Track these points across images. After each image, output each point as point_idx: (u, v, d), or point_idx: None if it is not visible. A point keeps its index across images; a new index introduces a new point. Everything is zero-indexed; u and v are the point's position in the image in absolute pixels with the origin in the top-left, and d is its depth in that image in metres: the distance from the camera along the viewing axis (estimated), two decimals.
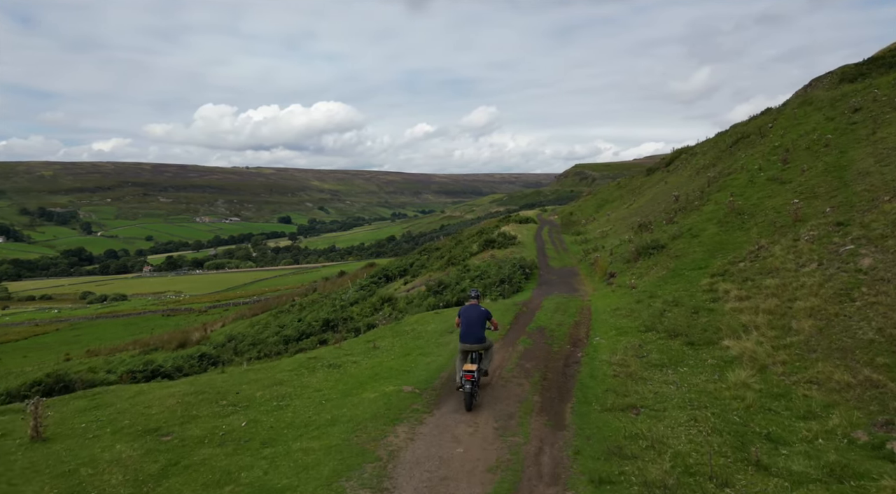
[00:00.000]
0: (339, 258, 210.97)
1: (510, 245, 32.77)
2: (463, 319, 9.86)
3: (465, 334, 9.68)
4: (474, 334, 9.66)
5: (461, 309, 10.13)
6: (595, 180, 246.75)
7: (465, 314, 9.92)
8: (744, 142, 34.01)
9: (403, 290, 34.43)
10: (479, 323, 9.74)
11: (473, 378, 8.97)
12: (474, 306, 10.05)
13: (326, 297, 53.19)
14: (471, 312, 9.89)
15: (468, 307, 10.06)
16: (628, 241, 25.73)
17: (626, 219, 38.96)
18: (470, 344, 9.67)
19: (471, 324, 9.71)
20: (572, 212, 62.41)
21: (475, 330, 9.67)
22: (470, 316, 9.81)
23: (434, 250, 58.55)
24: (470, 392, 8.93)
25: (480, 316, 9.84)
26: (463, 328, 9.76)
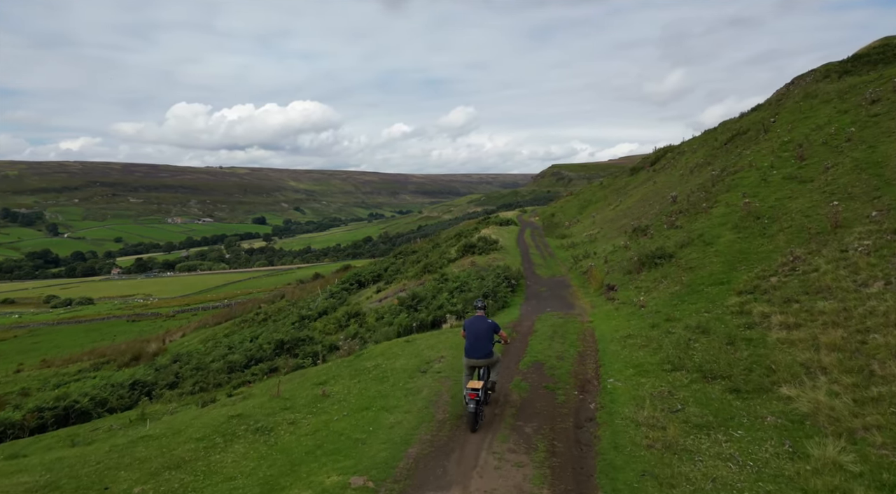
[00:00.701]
0: (315, 259, 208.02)
1: (492, 250, 29.91)
2: (469, 332, 9.22)
3: (472, 348, 9.07)
4: (481, 349, 9.04)
5: (466, 322, 9.44)
6: (571, 180, 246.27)
7: (470, 326, 9.26)
8: (741, 138, 31.66)
9: (375, 300, 31.39)
10: (486, 337, 9.13)
11: (478, 397, 8.38)
12: (481, 318, 9.36)
13: (294, 305, 49.80)
14: (477, 325, 9.23)
15: (474, 319, 9.37)
16: (624, 247, 23.05)
17: (615, 221, 36.42)
18: (476, 360, 9.06)
19: (478, 338, 9.09)
20: (554, 213, 59.88)
21: (482, 344, 9.06)
22: (477, 330, 9.16)
23: (410, 253, 55.59)
24: (474, 411, 8.36)
25: (488, 330, 9.22)
26: (469, 342, 9.14)
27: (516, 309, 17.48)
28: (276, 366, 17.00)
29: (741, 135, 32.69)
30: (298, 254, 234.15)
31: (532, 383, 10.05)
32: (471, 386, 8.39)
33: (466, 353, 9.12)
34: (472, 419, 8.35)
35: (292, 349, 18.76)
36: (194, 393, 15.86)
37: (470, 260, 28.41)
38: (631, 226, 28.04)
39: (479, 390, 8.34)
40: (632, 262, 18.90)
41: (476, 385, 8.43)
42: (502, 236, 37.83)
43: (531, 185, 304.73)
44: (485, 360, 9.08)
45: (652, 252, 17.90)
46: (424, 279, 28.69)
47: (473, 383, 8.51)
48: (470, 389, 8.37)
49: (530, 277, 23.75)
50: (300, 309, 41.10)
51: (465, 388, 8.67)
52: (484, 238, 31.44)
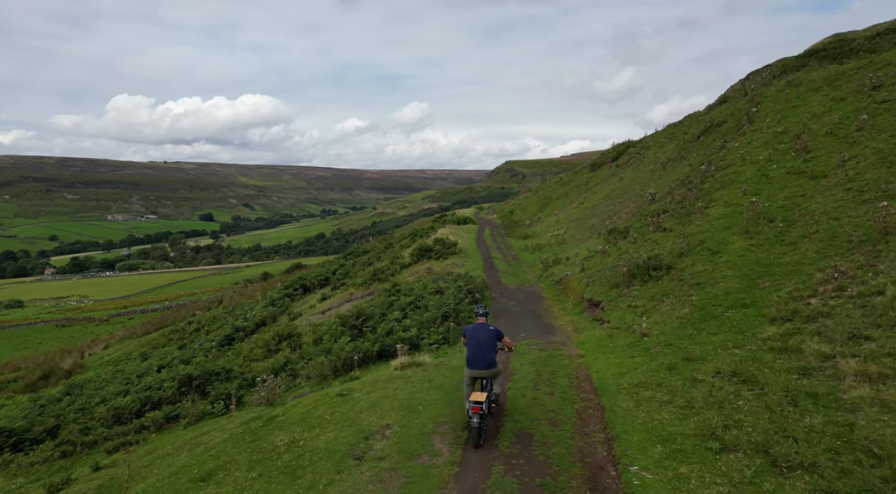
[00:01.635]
0: (265, 257, 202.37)
1: (450, 254, 26.55)
2: (470, 341, 8.51)
3: (474, 359, 8.38)
4: (484, 358, 8.35)
5: (467, 329, 8.68)
6: (525, 177, 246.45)
7: (472, 334, 8.54)
8: (717, 131, 29.28)
9: (318, 311, 27.63)
10: (489, 346, 8.44)
11: (482, 410, 7.70)
12: (483, 325, 8.66)
13: (231, 312, 45.26)
14: (479, 333, 8.52)
15: (476, 326, 8.65)
16: (602, 253, 20.06)
17: (581, 220, 33.64)
18: (479, 371, 8.37)
19: (480, 347, 8.39)
20: (513, 210, 57.05)
21: (485, 353, 8.37)
22: (479, 338, 8.46)
23: (362, 254, 51.87)
24: (478, 426, 7.69)
25: (491, 337, 8.51)
26: (471, 351, 8.44)
27: None
28: (178, 413, 13.13)
29: (716, 127, 30.36)
30: (247, 252, 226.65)
31: (520, 478, 6.67)
32: (474, 399, 7.83)
33: (468, 364, 8.44)
34: (477, 434, 7.75)
35: (203, 386, 14.89)
36: (53, 459, 11.82)
37: (426, 266, 24.98)
38: (605, 227, 25.17)
39: (482, 402, 7.76)
40: (618, 273, 15.83)
41: (480, 397, 7.85)
42: (461, 237, 34.54)
43: (486, 182, 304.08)
44: (488, 371, 8.40)
45: (644, 261, 14.86)
46: (374, 288, 25.13)
47: (476, 395, 7.94)
48: (473, 402, 7.80)
49: (496, 287, 20.48)
50: (236, 319, 36.88)
51: (466, 401, 8.14)
52: (441, 240, 28.06)
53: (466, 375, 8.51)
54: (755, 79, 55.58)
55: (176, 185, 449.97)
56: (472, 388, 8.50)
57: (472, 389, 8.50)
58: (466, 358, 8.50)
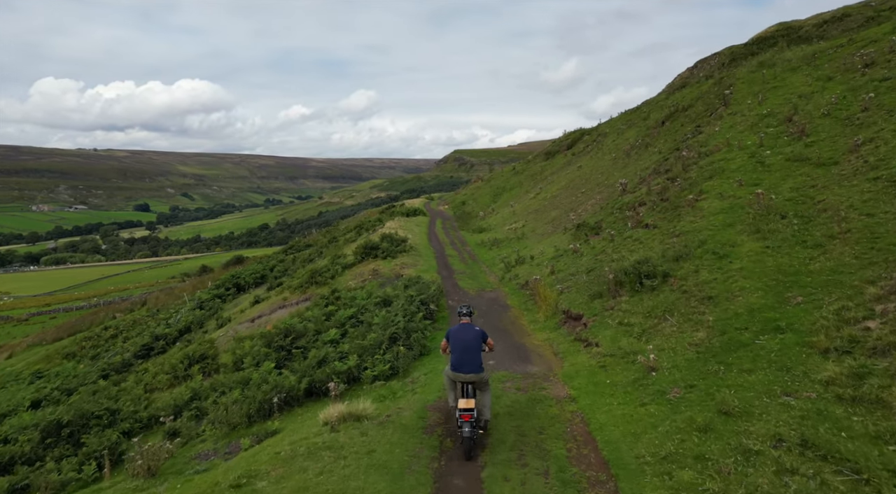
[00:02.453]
0: (205, 249, 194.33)
1: (399, 252, 23.48)
2: (455, 343, 7.67)
3: (460, 363, 7.49)
4: (471, 362, 7.48)
5: (451, 331, 7.85)
6: (473, 166, 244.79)
7: (456, 336, 7.73)
8: (684, 116, 27.27)
9: (247, 319, 24.14)
10: (476, 347, 7.57)
11: (473, 417, 6.96)
12: (467, 326, 7.82)
13: (154, 315, 40.78)
14: (465, 334, 7.68)
15: (460, 327, 7.81)
16: (573, 252, 17.50)
17: (541, 212, 31.21)
18: (465, 374, 7.44)
19: (467, 349, 7.53)
20: (465, 201, 54.32)
21: (472, 356, 7.50)
22: (464, 340, 7.61)
23: (304, 248, 48.12)
24: (470, 436, 6.92)
25: (477, 339, 7.67)
26: (456, 355, 7.57)
27: (441, 365, 11.21)
28: (29, 483, 9.68)
29: (682, 112, 28.38)
30: (186, 244, 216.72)
31: None
32: (463, 406, 7.06)
33: (453, 368, 7.57)
34: (469, 445, 6.93)
35: (78, 433, 11.41)
36: None
37: (372, 266, 21.85)
38: (571, 221, 22.68)
39: (472, 410, 6.98)
40: (600, 280, 13.23)
41: (469, 404, 7.06)
42: (411, 231, 31.50)
43: (435, 171, 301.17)
44: (476, 376, 7.45)
45: (632, 266, 12.26)
46: (311, 293, 21.86)
47: (465, 401, 7.12)
48: (462, 409, 7.03)
49: (453, 293, 17.62)
50: (156, 326, 32.77)
51: (455, 409, 7.48)
52: (389, 236, 24.92)
53: (449, 378, 7.73)
54: (703, 67, 55.04)
55: (108, 174, 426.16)
56: (457, 395, 7.59)
57: (459, 396, 7.52)
58: (451, 362, 7.68)
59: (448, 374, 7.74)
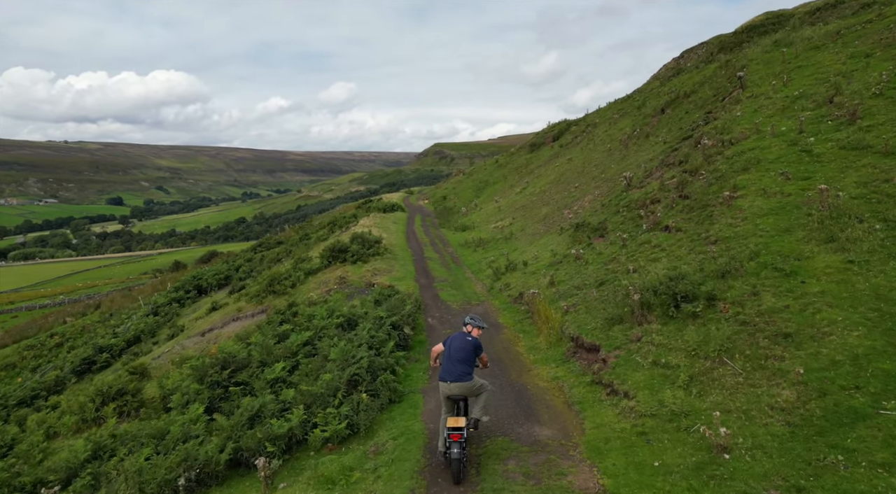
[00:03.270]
0: (181, 243, 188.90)
1: (372, 255, 20.50)
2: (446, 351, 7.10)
3: (446, 370, 6.93)
4: (456, 369, 6.83)
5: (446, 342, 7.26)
6: (454, 159, 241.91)
7: (449, 343, 7.15)
8: (689, 102, 24.66)
9: (196, 333, 21.08)
10: (466, 357, 6.93)
11: (462, 437, 6.33)
12: (462, 335, 7.15)
13: (106, 321, 37.27)
14: (456, 341, 7.09)
15: (457, 334, 7.22)
16: (575, 258, 14.73)
17: (529, 209, 28.43)
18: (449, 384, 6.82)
19: (451, 357, 6.96)
20: (446, 195, 51.34)
21: (460, 364, 6.88)
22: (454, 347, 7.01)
23: (275, 245, 44.91)
24: (459, 458, 6.29)
25: (466, 347, 7.00)
26: (444, 363, 7.04)
27: (416, 421, 8.31)
28: None
29: (685, 98, 25.80)
30: (161, 238, 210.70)
31: None
32: (452, 425, 6.40)
33: (440, 376, 7.03)
34: (457, 467, 6.28)
35: None
36: None
37: (339, 273, 18.84)
38: (567, 221, 19.92)
39: (462, 428, 6.37)
40: (619, 298, 10.45)
41: (458, 422, 6.42)
42: (386, 229, 28.50)
43: (415, 164, 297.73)
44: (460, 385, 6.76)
45: (663, 283, 9.48)
46: (267, 304, 18.84)
47: (454, 420, 6.48)
48: (451, 428, 6.38)
49: (433, 307, 14.71)
50: (102, 336, 29.44)
51: (442, 429, 6.76)
52: (360, 236, 21.87)
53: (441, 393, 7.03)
54: (691, 56, 53.50)
55: (79, 167, 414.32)
56: (448, 412, 6.97)
57: (449, 413, 6.94)
58: (440, 373, 7.07)
59: (440, 388, 7.06)
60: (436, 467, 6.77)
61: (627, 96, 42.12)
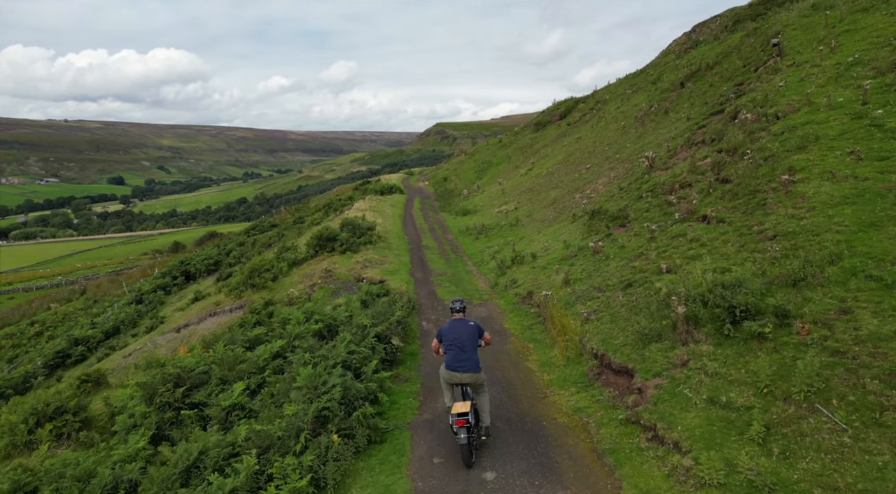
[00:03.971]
0: (182, 223, 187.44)
1: (363, 244, 18.51)
2: (448, 342, 6.83)
3: (455, 361, 6.72)
4: (467, 360, 6.71)
5: (443, 329, 7.02)
6: (456, 139, 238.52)
7: (449, 334, 6.87)
8: (712, 74, 22.42)
9: (171, 329, 19.24)
10: (472, 346, 6.78)
11: (468, 422, 6.27)
12: (461, 322, 6.95)
13: (89, 309, 35.52)
14: (459, 330, 6.84)
15: (452, 324, 6.95)
16: (592, 252, 12.72)
17: (535, 192, 26.34)
18: (461, 374, 6.70)
19: (462, 347, 6.74)
20: (446, 177, 49.15)
21: (468, 354, 6.73)
22: (459, 337, 6.79)
23: (269, 228, 43.03)
24: (467, 442, 6.28)
25: (473, 335, 6.85)
26: (451, 353, 6.78)
27: (400, 478, 6.40)
28: None
29: (708, 70, 23.54)
30: (162, 218, 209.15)
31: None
32: (458, 411, 6.33)
33: (448, 366, 6.81)
34: (467, 452, 6.33)
35: None
36: None
37: (325, 264, 16.87)
38: (580, 206, 17.84)
39: (467, 414, 6.29)
40: (652, 307, 8.48)
41: (464, 408, 6.35)
42: (382, 214, 26.47)
43: (416, 144, 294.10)
44: (470, 375, 6.70)
45: (715, 292, 7.47)
46: (246, 299, 16.94)
47: (459, 405, 6.42)
48: (457, 415, 6.30)
49: (429, 309, 12.76)
50: (81, 327, 27.67)
51: (449, 415, 6.64)
52: (352, 223, 19.85)
53: (443, 379, 6.95)
54: (703, 30, 51.27)
55: (80, 146, 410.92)
56: (451, 393, 6.99)
57: (453, 398, 6.92)
58: (445, 361, 6.88)
59: (442, 374, 7.01)
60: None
61: (640, 71, 39.69)
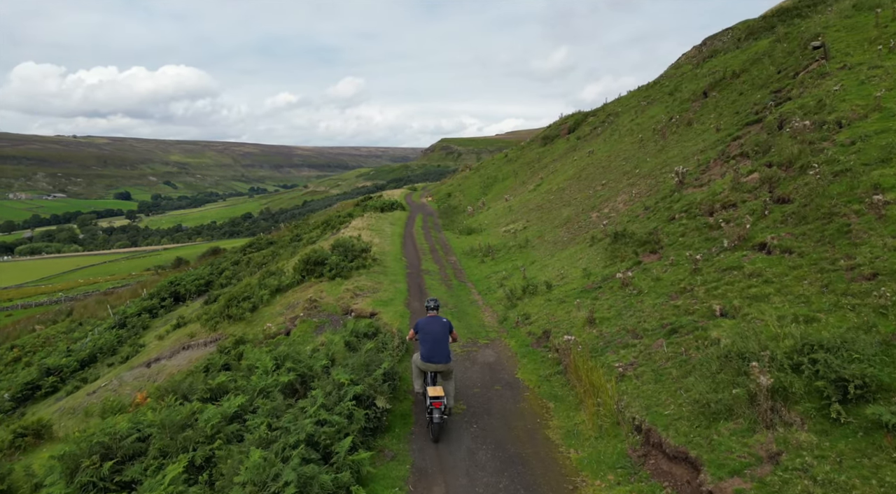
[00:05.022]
0: (187, 239, 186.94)
1: (356, 269, 16.51)
2: (424, 336, 7.97)
3: (431, 353, 7.85)
4: (440, 352, 7.86)
5: (419, 323, 8.16)
6: (461, 155, 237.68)
7: (425, 329, 8.02)
8: (740, 82, 20.51)
9: (141, 363, 17.28)
10: (444, 340, 7.95)
11: (443, 405, 7.39)
12: (435, 319, 8.13)
13: (71, 332, 33.61)
14: (433, 326, 8.02)
15: (429, 320, 8.11)
16: (622, 285, 10.66)
17: (546, 209, 24.36)
18: (435, 364, 7.85)
19: (437, 341, 7.89)
20: (451, 192, 47.27)
21: (441, 347, 7.89)
22: (434, 332, 7.95)
23: (265, 245, 41.20)
24: (439, 422, 7.43)
25: (444, 331, 8.02)
26: (426, 346, 7.90)
27: None
28: None
29: (734, 78, 21.64)
30: (167, 233, 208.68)
31: None
32: (434, 394, 7.36)
33: (424, 358, 7.91)
34: (437, 430, 7.45)
35: None
36: None
37: (311, 292, 14.86)
38: (599, 227, 15.79)
39: (442, 397, 7.35)
40: (718, 370, 6.44)
41: (438, 392, 7.39)
42: (381, 233, 24.51)
43: (421, 159, 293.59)
44: (445, 366, 7.88)
45: (811, 356, 5.45)
46: (220, 333, 14.91)
47: (434, 390, 7.45)
48: (433, 397, 7.35)
49: None
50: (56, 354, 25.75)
51: (426, 398, 7.71)
52: (344, 244, 17.88)
53: (417, 367, 8.11)
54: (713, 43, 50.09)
55: (87, 161, 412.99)
56: (423, 381, 8.04)
57: (426, 383, 7.91)
58: (421, 353, 7.98)
59: (417, 363, 8.06)
60: None
61: (654, 82, 37.86)
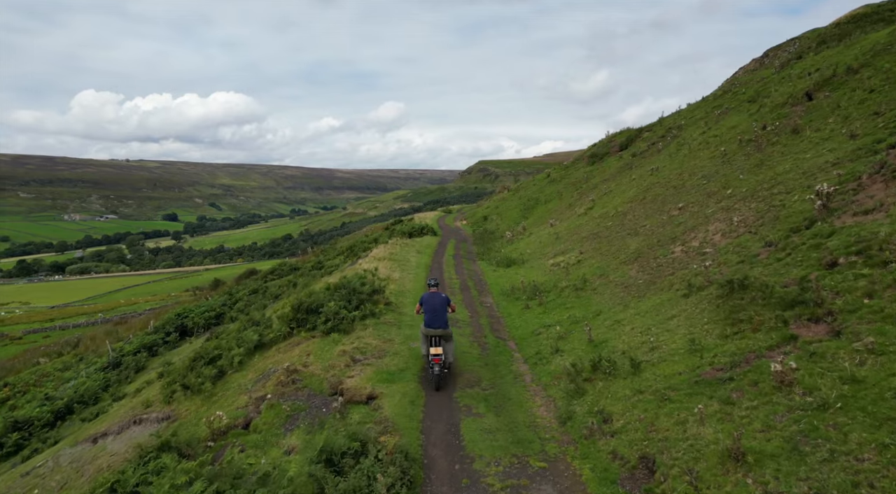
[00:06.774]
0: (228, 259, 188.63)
1: (359, 319, 12.45)
2: (426, 306, 10.09)
3: (432, 320, 9.93)
4: (439, 319, 9.94)
5: (424, 297, 10.27)
6: (498, 177, 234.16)
7: (428, 302, 10.12)
8: (858, 80, 15.82)
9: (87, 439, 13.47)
10: (443, 310, 10.05)
11: (442, 360, 9.47)
12: (435, 294, 10.24)
13: (64, 372, 30.45)
14: (434, 300, 10.12)
15: (430, 295, 10.23)
16: (778, 384, 6.11)
17: (604, 237, 19.89)
18: (435, 330, 9.88)
19: (436, 311, 9.99)
20: (487, 216, 43.02)
21: (440, 315, 9.97)
22: (433, 304, 10.06)
23: (289, 272, 37.64)
24: (439, 374, 9.50)
25: (443, 304, 10.14)
26: (428, 315, 10.00)
27: None
28: None
29: (849, 76, 16.97)
30: (210, 254, 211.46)
31: None
32: (434, 352, 9.48)
33: (427, 324, 9.91)
34: (437, 381, 9.49)
35: None
36: None
37: (296, 355, 10.84)
38: (699, 271, 11.31)
39: (441, 354, 9.46)
40: None
41: (438, 351, 9.48)
42: (404, 264, 20.45)
43: (458, 181, 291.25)
44: (442, 330, 9.85)
45: None
46: (173, 408, 10.95)
47: (435, 349, 9.51)
48: (434, 354, 9.47)
49: (443, 478, 6.55)
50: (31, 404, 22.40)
51: (426, 354, 9.86)
52: (348, 284, 13.82)
53: (423, 334, 10.02)
54: (777, 54, 45.65)
55: (138, 184, 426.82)
56: (429, 345, 9.76)
57: (430, 346, 9.72)
58: (425, 321, 9.93)
59: (422, 330, 10.04)
60: None
61: (727, 89, 33.09)
